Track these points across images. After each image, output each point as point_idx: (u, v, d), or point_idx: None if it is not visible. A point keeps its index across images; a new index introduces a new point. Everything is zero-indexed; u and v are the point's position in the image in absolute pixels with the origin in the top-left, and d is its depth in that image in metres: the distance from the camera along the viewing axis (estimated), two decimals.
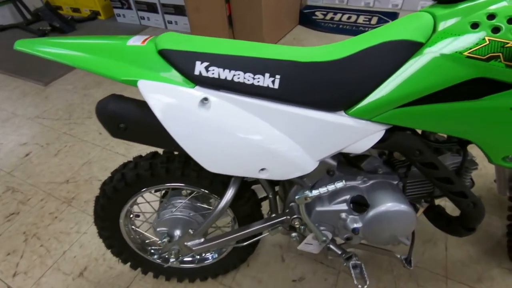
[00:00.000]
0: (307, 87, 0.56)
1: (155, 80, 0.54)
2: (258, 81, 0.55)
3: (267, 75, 0.55)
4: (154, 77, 0.54)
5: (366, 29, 2.54)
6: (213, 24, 2.28)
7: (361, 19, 2.71)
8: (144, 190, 0.77)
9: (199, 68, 0.54)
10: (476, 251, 1.03)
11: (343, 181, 0.63)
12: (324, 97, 0.56)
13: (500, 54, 0.49)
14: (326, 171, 0.70)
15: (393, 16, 2.71)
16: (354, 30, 2.54)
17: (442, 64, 0.52)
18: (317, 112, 0.58)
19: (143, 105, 0.59)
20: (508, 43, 0.49)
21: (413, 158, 0.64)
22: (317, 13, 2.90)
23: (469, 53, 0.51)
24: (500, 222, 1.10)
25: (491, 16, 0.50)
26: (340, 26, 2.63)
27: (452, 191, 0.67)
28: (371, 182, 0.71)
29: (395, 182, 0.71)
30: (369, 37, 0.59)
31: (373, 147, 0.62)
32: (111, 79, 0.54)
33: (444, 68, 0.52)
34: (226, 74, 0.54)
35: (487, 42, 0.50)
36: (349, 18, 2.76)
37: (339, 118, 0.58)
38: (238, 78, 0.55)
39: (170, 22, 2.80)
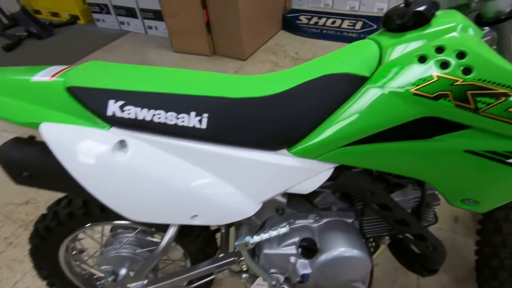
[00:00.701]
0: (241, 126, 0.50)
1: (62, 122, 0.47)
2: (183, 121, 0.48)
3: (192, 114, 0.49)
4: (60, 119, 0.48)
5: (350, 34, 2.48)
6: (191, 29, 2.21)
7: (345, 24, 2.65)
8: (81, 228, 0.70)
9: (113, 107, 0.47)
10: (449, 279, 0.98)
11: (287, 226, 0.57)
12: (261, 136, 0.50)
13: (449, 92, 0.43)
14: (275, 209, 0.64)
15: (378, 20, 2.66)
16: (338, 36, 2.48)
17: (388, 101, 0.46)
18: (254, 152, 0.51)
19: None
20: (457, 81, 0.43)
21: (364, 199, 0.58)
22: (301, 17, 2.84)
23: (416, 90, 0.45)
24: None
25: (440, 49, 0.44)
26: (324, 31, 2.57)
27: (410, 233, 0.61)
28: (324, 220, 0.65)
29: (351, 220, 0.65)
30: (311, 68, 0.53)
31: (321, 187, 0.56)
32: (10, 123, 0.47)
33: (390, 106, 0.46)
34: (144, 114, 0.48)
35: (435, 79, 0.44)
36: (333, 22, 2.70)
37: (280, 158, 0.52)
38: (159, 118, 0.48)
39: (150, 27, 2.72)
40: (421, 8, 0.46)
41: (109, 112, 0.47)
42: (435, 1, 0.47)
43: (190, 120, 0.48)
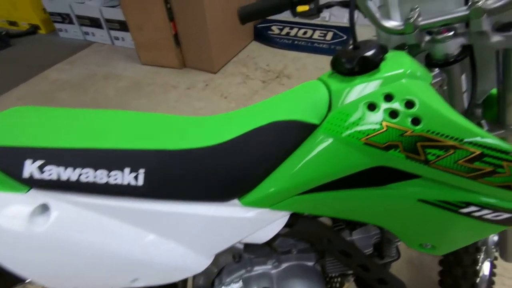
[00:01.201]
0: (184, 180, 0.45)
1: None
2: (116, 179, 0.43)
3: (126, 170, 0.43)
4: None
5: (321, 45, 2.51)
6: (158, 42, 2.14)
7: (316, 35, 2.68)
8: None
9: (30, 169, 0.41)
10: None
11: (240, 281, 0.53)
12: (208, 188, 0.46)
13: (399, 143, 0.41)
14: (231, 256, 0.60)
15: (347, 31, 2.70)
16: (309, 47, 2.49)
17: (339, 150, 0.44)
18: (202, 206, 0.47)
19: None
20: (406, 131, 0.41)
21: (322, 246, 0.55)
22: (273, 27, 2.84)
23: (366, 139, 0.42)
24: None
25: (389, 97, 0.42)
26: (296, 42, 2.58)
27: (370, 278, 0.59)
28: (283, 266, 0.61)
29: (312, 263, 0.62)
30: (259, 113, 0.49)
31: (277, 234, 0.52)
32: None
33: (341, 155, 0.44)
34: (68, 174, 0.42)
35: (385, 129, 0.41)
36: (305, 33, 2.72)
37: (231, 210, 0.48)
38: (87, 177, 0.43)
39: (117, 38, 2.61)
40: (369, 54, 0.44)
41: (26, 174, 0.41)
42: (383, 45, 0.46)
43: (124, 177, 0.43)
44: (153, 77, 2.20)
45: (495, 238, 0.81)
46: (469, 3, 0.41)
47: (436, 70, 0.49)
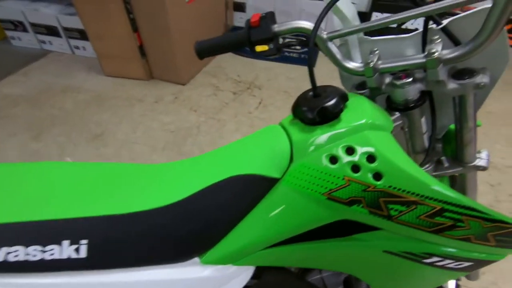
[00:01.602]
0: (134, 245, 0.41)
1: None
2: (52, 254, 0.37)
3: (65, 243, 0.38)
4: None
5: (291, 54, 2.52)
6: (122, 53, 2.03)
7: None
8: None
9: None
10: None
11: None
12: (162, 251, 0.42)
13: (362, 198, 0.39)
14: None
15: None
16: (280, 56, 2.49)
17: (301, 205, 0.42)
18: (157, 269, 0.43)
19: None
20: (368, 187, 0.39)
21: None
22: None
23: (329, 194, 0.40)
24: None
25: (350, 150, 0.40)
26: None
27: None
28: None
29: None
30: (216, 166, 0.46)
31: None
32: None
33: (304, 210, 0.42)
34: None
35: (347, 184, 0.40)
36: None
37: (192, 269, 0.44)
38: (16, 256, 0.37)
39: (77, 48, 2.45)
40: (329, 104, 0.41)
41: None
42: (344, 93, 0.44)
43: (63, 251, 0.38)
44: (117, 89, 2.09)
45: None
46: (425, 53, 0.40)
47: (397, 114, 0.48)
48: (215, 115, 1.85)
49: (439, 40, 0.41)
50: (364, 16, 2.81)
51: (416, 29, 0.45)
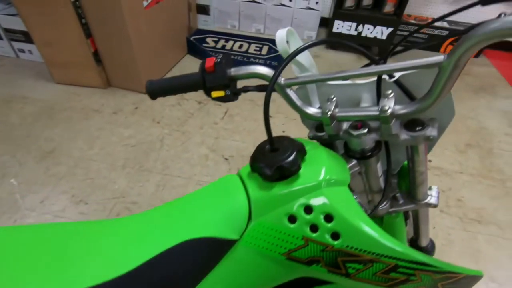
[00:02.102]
0: None
1: None
2: None
3: None
4: None
5: (257, 60, 2.50)
6: (75, 60, 1.88)
7: (252, 48, 2.67)
8: None
9: None
10: None
11: None
12: None
13: (321, 258, 0.40)
14: None
15: None
16: (245, 61, 2.47)
17: (261, 265, 0.41)
18: None
19: None
20: (327, 246, 0.39)
21: None
22: (208, 39, 2.74)
23: (288, 255, 0.40)
24: None
25: (308, 209, 0.40)
26: (231, 56, 2.52)
27: None
28: None
29: None
30: (168, 228, 0.43)
31: None
32: None
33: (264, 270, 0.41)
34: None
35: (306, 244, 0.39)
36: (240, 46, 2.69)
37: None
38: None
39: (22, 51, 2.22)
40: (287, 162, 0.41)
41: None
42: (302, 148, 0.43)
43: None
44: (70, 99, 1.93)
45: None
46: (379, 107, 0.41)
47: (354, 161, 0.49)
48: (179, 127, 1.78)
49: (391, 95, 0.41)
50: (326, 22, 2.88)
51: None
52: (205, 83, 0.48)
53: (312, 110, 0.47)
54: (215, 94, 0.49)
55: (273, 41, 2.81)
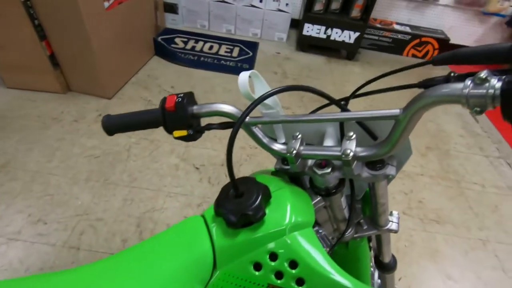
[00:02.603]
0: None
1: None
2: None
3: None
4: None
5: (228, 63, 2.47)
6: (29, 64, 1.73)
7: (223, 50, 2.63)
8: None
9: None
10: None
11: None
12: None
13: None
14: None
15: (253, 47, 2.74)
16: (216, 64, 2.42)
17: None
18: None
19: None
20: None
21: None
22: (176, 39, 2.65)
23: None
24: None
25: (273, 256, 0.40)
26: (202, 58, 2.47)
27: None
28: None
29: None
30: (128, 280, 0.41)
31: None
32: None
33: None
34: None
35: None
36: (211, 48, 2.63)
37: None
38: None
39: None
40: (252, 208, 0.40)
41: None
42: (267, 192, 0.43)
43: None
44: (25, 105, 1.78)
45: (379, 281, 0.93)
46: (341, 150, 0.42)
47: (319, 197, 0.50)
48: (147, 135, 1.72)
49: (353, 137, 0.42)
50: (297, 24, 2.91)
51: None
52: (166, 123, 0.46)
53: (277, 147, 0.47)
54: (177, 133, 0.47)
55: (244, 43, 2.78)
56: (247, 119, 0.46)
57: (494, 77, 0.28)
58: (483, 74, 0.28)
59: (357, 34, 2.59)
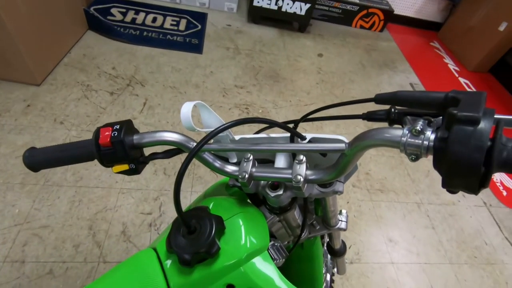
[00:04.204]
0: None
1: None
2: None
3: None
4: None
5: (175, 38, 2.28)
6: None
7: (168, 23, 2.40)
8: None
9: None
10: None
11: None
12: None
13: None
14: None
15: (202, 19, 2.55)
16: (162, 40, 2.22)
17: None
18: None
19: None
20: None
21: None
22: (113, 10, 2.35)
23: None
24: None
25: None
26: (145, 33, 2.24)
27: None
28: None
29: None
30: None
31: None
32: None
33: None
34: None
35: None
36: (154, 20, 2.39)
37: None
38: None
39: None
40: (206, 244, 0.39)
41: None
42: (220, 223, 0.42)
43: None
44: None
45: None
46: (292, 174, 0.42)
47: (273, 215, 0.50)
48: (90, 127, 1.56)
49: (303, 160, 0.42)
50: None
51: None
52: (102, 159, 0.42)
53: (230, 169, 0.46)
54: (116, 169, 0.43)
55: (191, 13, 2.57)
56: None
57: (429, 129, 0.29)
58: (419, 126, 0.29)
59: (308, 5, 2.55)
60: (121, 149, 0.41)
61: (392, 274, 1.36)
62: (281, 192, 0.45)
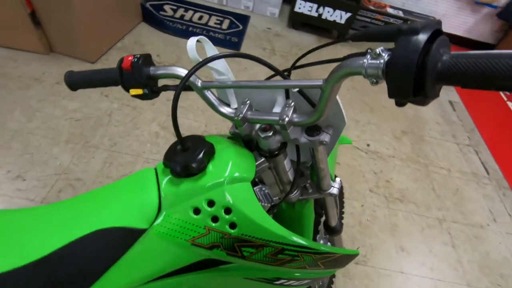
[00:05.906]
0: None
1: None
2: None
3: None
4: None
5: (217, 35, 2.44)
6: (7, 21, 1.68)
7: (212, 21, 2.58)
8: None
9: None
10: None
11: None
12: None
13: (220, 244, 0.47)
14: None
15: (244, 20, 2.70)
16: (205, 35, 2.39)
17: (169, 251, 0.48)
18: None
19: None
20: (225, 234, 0.46)
21: None
22: (166, 7, 2.59)
23: (192, 241, 0.47)
24: None
25: (211, 203, 0.46)
26: (190, 28, 2.43)
27: None
28: None
29: None
30: (80, 218, 0.47)
31: None
32: None
33: (171, 255, 0.48)
34: None
35: (207, 232, 0.46)
36: (200, 18, 2.58)
37: None
38: None
39: None
40: (194, 161, 0.46)
41: None
42: (210, 148, 0.48)
43: None
44: (5, 64, 1.75)
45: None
46: (279, 113, 0.47)
47: (263, 159, 0.55)
48: (130, 102, 1.73)
49: (292, 104, 0.47)
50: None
51: None
52: (123, 81, 0.50)
53: (226, 110, 0.52)
54: (133, 92, 0.51)
55: (235, 15, 2.74)
56: (199, 83, 0.50)
57: (386, 52, 0.32)
58: (378, 50, 0.32)
59: (349, 14, 2.58)
60: (138, 73, 0.49)
61: (401, 283, 1.30)
62: (270, 133, 0.50)
